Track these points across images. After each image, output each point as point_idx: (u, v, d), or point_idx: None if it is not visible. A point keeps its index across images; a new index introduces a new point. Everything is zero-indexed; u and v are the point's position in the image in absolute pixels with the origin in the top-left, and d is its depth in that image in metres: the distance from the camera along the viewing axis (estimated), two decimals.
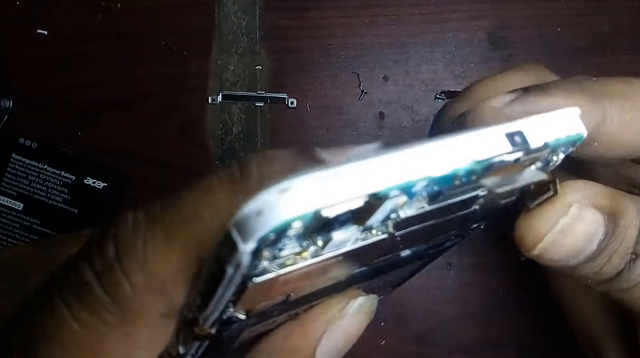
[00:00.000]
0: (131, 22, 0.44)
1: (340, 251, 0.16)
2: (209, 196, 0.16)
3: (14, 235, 0.42)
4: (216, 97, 0.44)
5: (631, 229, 0.20)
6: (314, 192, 0.13)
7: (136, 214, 0.16)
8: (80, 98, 0.44)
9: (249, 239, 0.13)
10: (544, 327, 0.42)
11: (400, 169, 0.15)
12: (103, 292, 0.16)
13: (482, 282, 0.43)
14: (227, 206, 0.16)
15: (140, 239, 0.16)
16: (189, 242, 0.16)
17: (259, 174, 0.16)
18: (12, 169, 0.43)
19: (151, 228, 0.16)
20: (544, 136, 0.18)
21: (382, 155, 0.15)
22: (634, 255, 0.21)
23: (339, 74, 0.44)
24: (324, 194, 0.14)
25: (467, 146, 0.16)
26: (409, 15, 0.44)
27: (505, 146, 0.17)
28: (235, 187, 0.16)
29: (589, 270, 0.21)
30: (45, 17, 0.44)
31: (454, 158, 0.16)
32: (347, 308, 0.19)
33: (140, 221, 0.16)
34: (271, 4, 0.44)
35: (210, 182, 0.16)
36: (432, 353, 0.42)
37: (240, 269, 0.14)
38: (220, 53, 0.44)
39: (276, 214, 0.13)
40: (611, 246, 0.20)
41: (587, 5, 0.44)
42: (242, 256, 0.13)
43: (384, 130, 0.44)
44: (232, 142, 0.44)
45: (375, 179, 0.14)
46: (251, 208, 0.13)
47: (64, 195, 0.42)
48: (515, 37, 0.44)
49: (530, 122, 0.17)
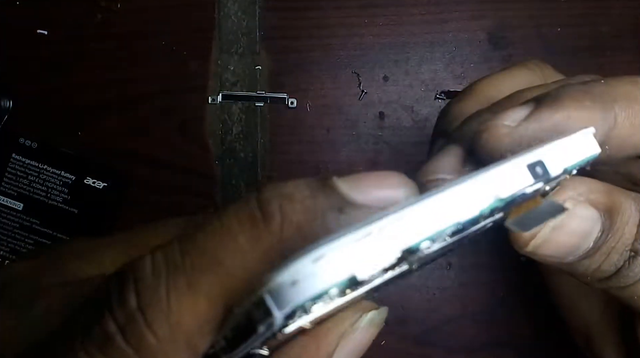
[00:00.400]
0: (131, 22, 0.44)
1: (366, 289, 0.16)
2: (231, 242, 0.15)
3: (14, 235, 0.42)
4: (216, 97, 0.44)
5: (629, 226, 0.20)
6: (347, 259, 0.13)
7: (155, 259, 0.16)
8: (80, 98, 0.44)
9: (283, 307, 0.13)
10: (544, 327, 0.42)
11: (431, 221, 0.15)
12: (127, 345, 0.15)
13: (482, 282, 0.43)
14: (250, 253, 0.15)
15: (162, 287, 0.15)
16: (214, 291, 0.15)
17: (280, 215, 0.15)
18: (12, 169, 0.43)
19: (173, 276, 0.15)
20: (562, 163, 0.18)
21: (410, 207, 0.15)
22: (633, 252, 0.21)
23: (339, 74, 0.44)
24: (357, 260, 0.14)
25: (492, 186, 0.16)
26: (409, 15, 0.44)
27: (527, 179, 0.17)
28: (257, 233, 0.15)
29: (587, 267, 0.21)
30: (45, 17, 0.44)
31: (481, 201, 0.16)
32: (359, 322, 0.19)
33: (161, 267, 0.16)
34: (271, 4, 0.44)
35: (230, 225, 0.16)
36: (432, 353, 0.42)
37: (273, 328, 0.14)
38: (220, 53, 0.44)
39: (311, 285, 0.13)
40: (608, 243, 0.20)
41: (587, 5, 0.44)
42: (276, 320, 0.13)
43: (384, 130, 0.44)
44: (232, 142, 0.44)
45: (407, 236, 0.14)
46: (285, 277, 0.13)
47: (64, 195, 0.42)
48: (515, 37, 0.44)
49: (550, 151, 0.18)
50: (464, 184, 0.16)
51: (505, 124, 0.20)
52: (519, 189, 0.17)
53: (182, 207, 0.44)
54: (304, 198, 0.16)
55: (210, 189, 0.44)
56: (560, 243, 0.20)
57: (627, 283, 0.21)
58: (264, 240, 0.15)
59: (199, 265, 0.15)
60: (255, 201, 0.16)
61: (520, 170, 0.17)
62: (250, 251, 0.15)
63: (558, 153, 0.18)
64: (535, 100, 0.21)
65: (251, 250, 0.15)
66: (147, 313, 0.15)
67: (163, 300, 0.15)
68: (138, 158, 0.44)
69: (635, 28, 0.44)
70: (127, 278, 0.16)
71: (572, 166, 0.18)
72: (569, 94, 0.20)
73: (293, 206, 0.15)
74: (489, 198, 0.16)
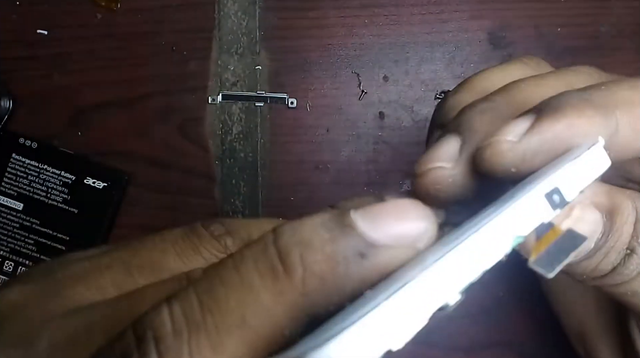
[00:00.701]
0: (131, 22, 0.44)
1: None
2: (253, 299, 0.15)
3: (14, 235, 0.42)
4: (216, 97, 0.44)
5: (627, 225, 0.21)
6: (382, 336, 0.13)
7: (174, 314, 0.15)
8: (80, 98, 0.44)
9: None
10: (544, 327, 0.42)
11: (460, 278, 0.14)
12: None
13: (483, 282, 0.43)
14: (274, 309, 0.15)
15: (185, 350, 0.14)
16: (239, 351, 0.15)
17: (302, 268, 0.15)
18: (12, 169, 0.43)
19: (195, 337, 0.15)
20: (578, 185, 0.17)
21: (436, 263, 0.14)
22: (629, 250, 0.21)
23: (339, 74, 0.44)
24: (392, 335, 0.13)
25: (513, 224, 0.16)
26: (409, 15, 0.44)
27: (546, 210, 0.16)
28: (280, 287, 0.15)
29: (586, 268, 0.21)
30: (45, 17, 0.44)
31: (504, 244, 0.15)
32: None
33: (181, 325, 0.15)
34: (271, 4, 0.44)
35: (250, 279, 0.15)
36: (432, 353, 0.42)
37: None
38: (220, 53, 0.44)
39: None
40: (608, 243, 0.20)
41: (587, 5, 0.44)
42: None
43: (384, 130, 0.44)
44: (232, 142, 0.44)
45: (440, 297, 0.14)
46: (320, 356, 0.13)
47: (64, 195, 0.42)
48: (515, 37, 0.44)
49: (564, 175, 0.17)
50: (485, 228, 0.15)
51: (508, 139, 0.20)
52: (540, 222, 0.16)
53: (182, 207, 0.44)
54: (323, 243, 0.15)
55: (210, 189, 0.44)
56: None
57: (623, 280, 0.21)
58: (288, 294, 0.15)
59: (221, 325, 0.15)
60: (274, 249, 0.15)
61: (539, 201, 0.16)
62: (274, 307, 0.15)
63: (572, 175, 0.17)
64: (536, 110, 0.21)
65: (275, 305, 0.15)
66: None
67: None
68: (138, 158, 0.44)
69: (635, 28, 0.44)
70: (146, 337, 0.15)
71: (587, 186, 0.18)
72: (570, 103, 0.20)
73: (314, 255, 0.15)
74: (511, 238, 0.15)
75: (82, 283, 0.21)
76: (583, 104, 0.20)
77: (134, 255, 0.22)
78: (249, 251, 0.16)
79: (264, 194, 0.44)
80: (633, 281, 0.21)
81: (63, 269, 0.22)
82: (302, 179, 0.44)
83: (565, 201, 0.17)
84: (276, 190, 0.44)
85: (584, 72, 0.25)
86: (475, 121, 0.22)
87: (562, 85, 0.24)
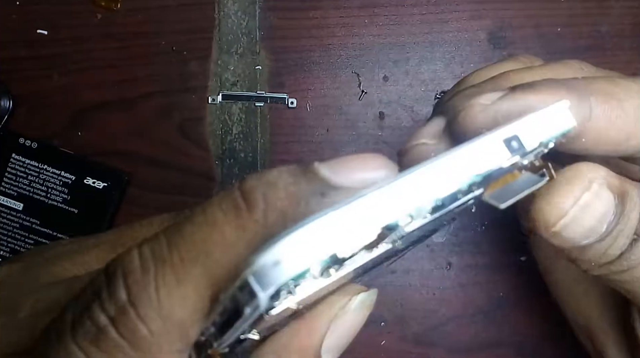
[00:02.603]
0: (131, 22, 0.44)
1: (350, 269, 0.16)
2: (217, 233, 0.16)
3: (14, 235, 0.42)
4: (216, 97, 0.44)
5: (635, 212, 0.21)
6: (328, 237, 0.14)
7: (142, 253, 0.16)
8: (80, 98, 0.44)
9: (267, 288, 0.13)
10: (544, 327, 0.42)
11: (408, 197, 0.15)
12: (120, 337, 0.16)
13: (482, 282, 0.43)
14: (236, 242, 0.16)
15: (151, 283, 0.16)
16: (202, 281, 0.16)
17: (264, 203, 0.16)
18: (12, 169, 0.43)
19: (161, 270, 0.16)
20: (538, 136, 0.18)
21: (388, 185, 0.15)
22: (636, 236, 0.21)
23: (339, 74, 0.44)
24: (338, 238, 0.14)
25: (469, 162, 0.16)
26: (409, 15, 0.44)
27: (504, 154, 0.17)
28: (242, 222, 0.16)
29: (596, 252, 0.21)
30: (45, 17, 0.44)
31: (458, 177, 0.16)
32: (349, 305, 0.19)
33: (149, 261, 0.16)
34: (271, 4, 0.44)
35: (215, 216, 0.16)
36: (432, 353, 0.42)
37: (259, 310, 0.14)
38: (220, 53, 0.44)
39: (293, 265, 0.13)
40: (619, 226, 0.21)
41: (587, 5, 0.44)
42: (261, 301, 0.13)
43: (384, 130, 0.44)
44: (232, 142, 0.44)
45: (386, 213, 0.14)
46: (268, 257, 0.13)
47: (64, 195, 0.43)
48: (515, 37, 0.44)
49: (524, 124, 0.18)
50: (441, 160, 0.16)
51: (480, 102, 0.21)
52: (496, 164, 0.17)
53: (182, 207, 0.43)
54: (286, 184, 0.16)
55: (210, 189, 0.44)
56: (585, 224, 0.20)
57: (629, 266, 0.22)
58: (249, 228, 0.16)
59: (186, 258, 0.16)
60: (238, 190, 0.16)
61: (496, 145, 0.17)
62: (236, 240, 0.16)
63: (533, 126, 0.18)
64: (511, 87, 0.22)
65: (237, 239, 0.16)
66: (139, 308, 0.15)
67: (153, 295, 0.15)
68: (138, 158, 0.44)
69: (635, 28, 0.44)
70: (115, 273, 0.16)
71: (548, 139, 0.18)
72: (546, 82, 0.21)
73: (276, 193, 0.16)
74: (466, 173, 0.16)
75: (68, 260, 0.22)
76: (558, 85, 0.21)
77: (120, 236, 0.23)
78: (216, 196, 0.16)
79: None
80: (638, 267, 0.22)
81: (51, 249, 0.23)
82: None
83: (524, 148, 0.17)
84: None
85: (573, 66, 0.26)
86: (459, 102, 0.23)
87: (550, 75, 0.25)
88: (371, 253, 0.16)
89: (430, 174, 0.15)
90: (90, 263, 0.22)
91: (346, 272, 0.16)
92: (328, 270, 0.15)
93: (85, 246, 0.23)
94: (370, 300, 0.20)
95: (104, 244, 0.23)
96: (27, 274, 0.22)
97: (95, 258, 0.23)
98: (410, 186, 0.15)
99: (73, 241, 0.24)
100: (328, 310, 0.19)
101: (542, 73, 0.25)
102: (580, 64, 0.26)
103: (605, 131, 0.22)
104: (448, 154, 0.16)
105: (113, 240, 0.23)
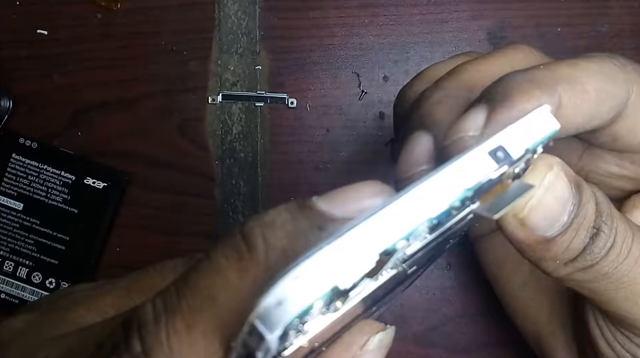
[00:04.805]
0: (131, 22, 0.44)
1: (357, 299, 0.16)
2: (221, 279, 0.16)
3: (14, 235, 0.43)
4: (216, 97, 0.44)
5: (590, 203, 0.22)
6: (327, 271, 0.14)
7: (155, 305, 0.17)
8: (80, 98, 0.44)
9: (274, 329, 0.13)
10: None
11: (400, 221, 0.15)
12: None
13: (482, 282, 0.43)
14: (240, 285, 0.16)
15: (163, 331, 0.16)
16: (209, 326, 0.16)
17: (264, 244, 0.16)
18: (12, 169, 0.43)
19: (172, 319, 0.16)
20: (523, 144, 0.18)
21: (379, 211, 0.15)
22: (596, 229, 0.22)
23: (339, 74, 0.44)
24: (336, 270, 0.14)
25: (457, 178, 0.16)
26: (409, 15, 0.44)
27: (490, 165, 0.17)
28: (244, 265, 0.16)
29: (559, 247, 0.22)
30: (45, 17, 0.44)
31: (448, 194, 0.16)
32: (367, 346, 0.19)
33: (160, 312, 0.16)
34: (271, 4, 0.44)
35: (218, 262, 0.16)
36: (432, 353, 0.42)
37: (270, 352, 0.14)
38: (220, 53, 0.44)
39: (296, 302, 0.13)
40: (578, 218, 0.21)
41: (587, 5, 0.44)
42: (271, 343, 0.13)
43: (384, 130, 0.44)
44: (232, 142, 0.44)
45: (380, 239, 0.15)
46: (270, 299, 0.13)
47: (64, 195, 0.43)
48: (515, 37, 0.44)
49: (508, 134, 0.18)
50: (429, 180, 0.16)
51: (470, 135, 0.21)
52: (484, 176, 0.17)
53: (182, 207, 0.44)
54: (284, 223, 0.16)
55: (210, 189, 0.44)
56: (549, 206, 0.21)
57: (594, 261, 0.22)
58: (252, 270, 0.16)
59: (193, 305, 0.16)
60: (239, 234, 0.16)
61: (482, 157, 0.17)
62: (241, 283, 0.16)
63: (517, 135, 0.18)
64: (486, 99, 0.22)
65: (241, 282, 0.16)
66: (152, 356, 0.16)
67: (164, 343, 0.16)
68: (138, 158, 0.44)
69: (635, 28, 0.44)
70: (131, 326, 0.16)
71: (534, 145, 0.19)
72: (517, 88, 0.21)
73: (274, 232, 0.16)
74: (455, 189, 0.16)
75: (83, 307, 0.23)
76: (528, 86, 0.21)
77: (135, 281, 0.24)
78: (219, 242, 0.17)
79: (264, 194, 0.44)
80: (601, 262, 0.22)
81: (67, 296, 0.24)
82: (302, 179, 0.44)
83: (510, 158, 0.18)
84: (276, 190, 0.44)
85: (523, 50, 0.27)
86: (435, 114, 0.24)
87: (504, 62, 0.26)
88: (377, 281, 0.16)
89: (419, 195, 0.16)
90: (106, 309, 0.23)
91: (354, 303, 0.16)
92: (334, 303, 0.15)
93: (100, 292, 0.24)
94: (389, 338, 0.20)
95: (119, 290, 0.24)
96: (42, 325, 0.22)
97: (110, 304, 0.23)
98: (401, 209, 0.15)
99: (88, 288, 0.24)
100: (347, 350, 0.19)
101: (496, 61, 0.26)
102: (528, 47, 0.27)
103: (573, 116, 0.23)
104: (435, 172, 0.16)
105: (128, 285, 0.24)
